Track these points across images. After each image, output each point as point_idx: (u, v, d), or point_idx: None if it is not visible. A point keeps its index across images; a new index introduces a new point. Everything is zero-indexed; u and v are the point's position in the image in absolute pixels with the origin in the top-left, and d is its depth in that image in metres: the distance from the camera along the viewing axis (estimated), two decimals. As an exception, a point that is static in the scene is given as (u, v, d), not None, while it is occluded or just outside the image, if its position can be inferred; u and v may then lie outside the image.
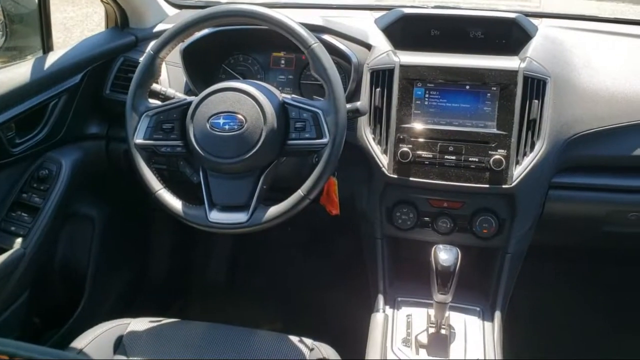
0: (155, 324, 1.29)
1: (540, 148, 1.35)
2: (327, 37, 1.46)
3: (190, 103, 1.27)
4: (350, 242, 1.80)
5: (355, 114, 1.30)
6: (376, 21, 1.58)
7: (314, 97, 1.31)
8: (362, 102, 1.32)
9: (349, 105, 1.26)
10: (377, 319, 1.37)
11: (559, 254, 1.98)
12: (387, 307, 1.43)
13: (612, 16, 1.78)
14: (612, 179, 1.45)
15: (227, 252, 2.29)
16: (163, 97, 1.36)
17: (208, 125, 1.22)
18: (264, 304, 2.11)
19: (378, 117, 1.42)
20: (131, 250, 2.03)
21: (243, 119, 1.21)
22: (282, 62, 1.61)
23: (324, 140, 1.21)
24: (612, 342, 2.00)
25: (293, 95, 1.29)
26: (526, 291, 1.66)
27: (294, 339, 1.26)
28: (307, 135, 1.23)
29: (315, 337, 1.29)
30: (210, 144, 1.22)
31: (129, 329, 1.27)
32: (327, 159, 1.20)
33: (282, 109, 1.25)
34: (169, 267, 2.18)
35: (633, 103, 1.41)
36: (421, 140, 1.39)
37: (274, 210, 1.22)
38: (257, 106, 1.21)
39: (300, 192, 1.21)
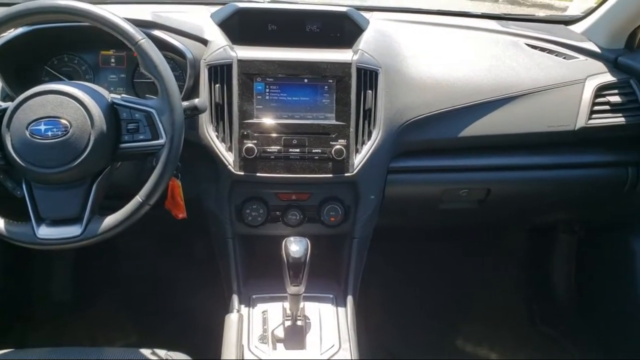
0: None
1: (376, 136, 1.41)
2: (157, 33, 1.41)
3: (5, 110, 1.15)
4: (204, 243, 1.75)
5: (194, 111, 1.25)
6: (212, 16, 1.54)
7: (147, 95, 1.24)
8: (201, 99, 1.29)
9: (186, 103, 1.22)
10: (232, 319, 1.34)
11: (404, 235, 2.10)
12: (243, 307, 1.41)
13: (436, 8, 1.91)
14: (444, 160, 1.57)
15: (70, 267, 2.12)
16: None
17: (27, 133, 1.11)
18: (116, 318, 1.99)
19: (220, 114, 1.39)
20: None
21: (67, 123, 1.11)
22: (112, 60, 1.51)
23: (161, 141, 1.16)
24: (459, 311, 2.17)
25: (123, 95, 1.21)
26: (377, 273, 1.74)
27: (146, 352, 1.20)
28: (141, 137, 1.16)
29: (174, 346, 1.24)
30: (31, 153, 1.11)
31: None
32: (166, 161, 1.15)
33: (112, 110, 1.17)
34: (3, 290, 1.97)
35: (456, 89, 1.52)
36: (265, 135, 1.39)
37: (110, 220, 1.14)
38: (82, 109, 1.13)
39: (138, 198, 1.15)
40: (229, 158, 1.38)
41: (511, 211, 1.82)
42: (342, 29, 1.57)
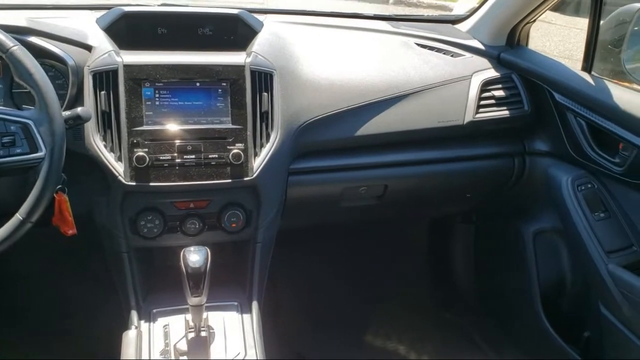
0: None
1: (275, 138, 1.40)
2: (34, 40, 1.32)
3: None
4: (101, 258, 1.67)
5: (77, 120, 1.19)
6: (97, 21, 1.48)
7: (24, 106, 1.17)
8: (85, 108, 1.23)
9: (67, 112, 1.17)
10: (129, 337, 1.28)
11: (308, 235, 2.11)
12: (142, 322, 1.36)
13: (330, 10, 1.94)
14: (342, 159, 1.59)
15: None
16: None
17: None
18: (9, 345, 1.85)
19: (107, 122, 1.33)
20: None
21: None
22: None
23: (40, 154, 1.09)
24: (368, 307, 2.21)
25: None
26: (284, 276, 1.73)
27: None
28: (18, 151, 1.09)
29: None
30: None
31: None
32: (46, 175, 1.09)
33: None
34: None
35: (350, 89, 1.54)
36: (157, 142, 1.33)
37: None
38: None
39: (18, 216, 1.08)
40: (118, 168, 1.31)
41: (408, 205, 1.88)
42: (236, 32, 1.55)
